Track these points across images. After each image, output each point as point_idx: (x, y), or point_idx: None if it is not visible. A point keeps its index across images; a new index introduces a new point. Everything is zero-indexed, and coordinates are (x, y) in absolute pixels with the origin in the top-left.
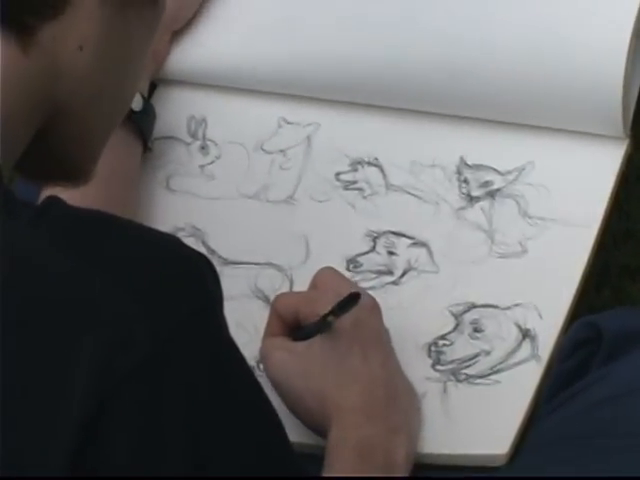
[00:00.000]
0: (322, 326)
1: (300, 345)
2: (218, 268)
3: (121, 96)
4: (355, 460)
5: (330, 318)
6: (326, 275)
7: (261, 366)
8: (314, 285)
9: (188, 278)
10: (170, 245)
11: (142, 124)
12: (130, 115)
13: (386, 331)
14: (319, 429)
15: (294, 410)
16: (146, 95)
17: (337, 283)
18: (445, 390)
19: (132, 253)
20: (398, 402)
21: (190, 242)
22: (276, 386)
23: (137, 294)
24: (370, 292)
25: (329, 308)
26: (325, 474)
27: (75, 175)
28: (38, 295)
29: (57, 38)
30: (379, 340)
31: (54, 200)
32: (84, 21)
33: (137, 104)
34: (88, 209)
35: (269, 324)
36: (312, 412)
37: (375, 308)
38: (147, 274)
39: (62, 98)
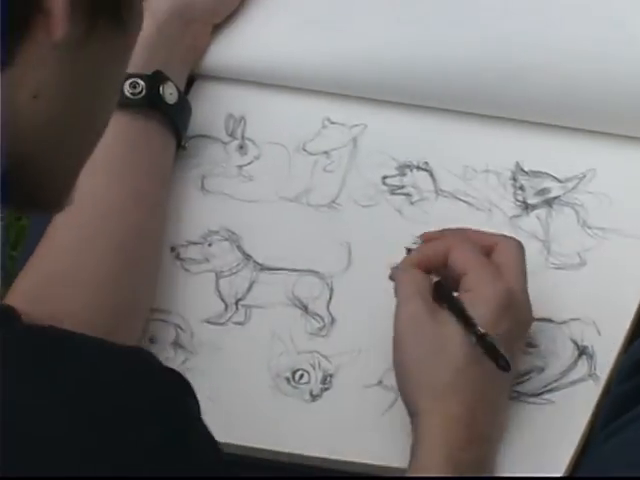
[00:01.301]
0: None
1: (441, 314)
2: (253, 274)
3: (93, 128)
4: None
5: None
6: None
7: (296, 377)
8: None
9: (161, 404)
10: (140, 367)
11: (177, 119)
12: (162, 108)
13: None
14: (410, 408)
15: (402, 370)
16: (182, 90)
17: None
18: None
19: (94, 378)
20: (498, 430)
21: (224, 247)
22: (396, 342)
23: (101, 427)
24: None
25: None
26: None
27: (49, 204)
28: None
29: (10, 89)
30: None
31: (6, 316)
32: (36, 69)
33: (172, 97)
34: (41, 327)
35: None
36: (412, 392)
37: (528, 326)
38: (112, 404)
39: (26, 146)
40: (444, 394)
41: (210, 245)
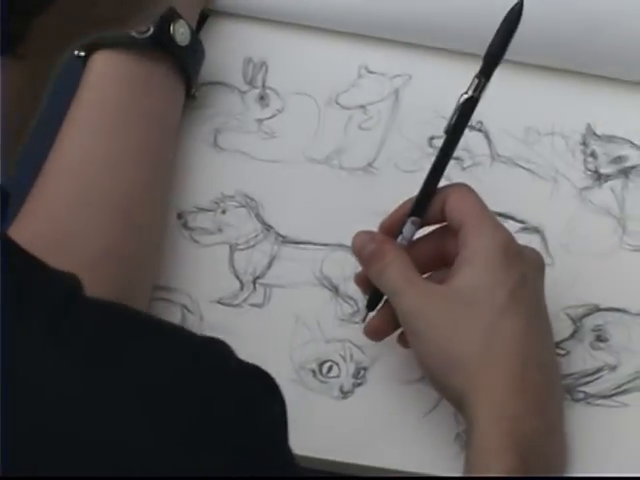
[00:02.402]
0: None
1: (447, 285)
2: (274, 248)
3: None
4: (518, 464)
5: None
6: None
7: (323, 369)
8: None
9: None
10: (216, 362)
11: (187, 63)
12: (172, 50)
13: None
14: (453, 397)
15: (432, 364)
16: (194, 27)
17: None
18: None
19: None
20: (555, 389)
21: (240, 214)
22: (411, 332)
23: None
24: None
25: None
26: (479, 471)
27: None
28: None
29: None
30: (543, 308)
31: (73, 289)
32: None
33: (183, 38)
34: (113, 304)
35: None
36: (454, 376)
37: (543, 269)
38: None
39: None
40: (481, 366)
41: (224, 212)
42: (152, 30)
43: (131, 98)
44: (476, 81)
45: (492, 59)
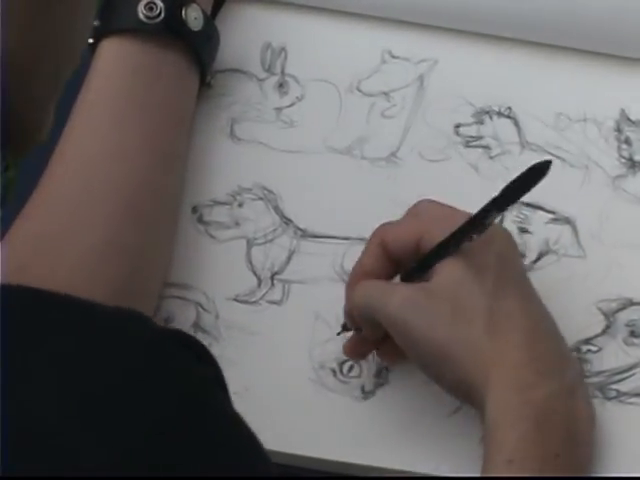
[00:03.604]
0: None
1: (429, 283)
2: (294, 242)
3: (70, 40)
4: (533, 432)
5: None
6: (429, 205)
7: (344, 368)
8: (414, 215)
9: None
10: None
11: (202, 49)
12: (185, 36)
13: None
14: (465, 390)
15: (433, 366)
16: (209, 12)
17: (446, 212)
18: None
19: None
20: (567, 355)
21: (258, 207)
22: (406, 337)
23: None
24: None
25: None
26: (493, 449)
27: (20, 137)
28: None
29: None
30: (528, 280)
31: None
32: None
33: (196, 23)
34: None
35: (366, 263)
36: (459, 367)
37: (515, 243)
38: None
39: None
40: (487, 347)
41: (241, 205)
42: (163, 15)
43: (141, 87)
44: (490, 205)
45: (507, 199)
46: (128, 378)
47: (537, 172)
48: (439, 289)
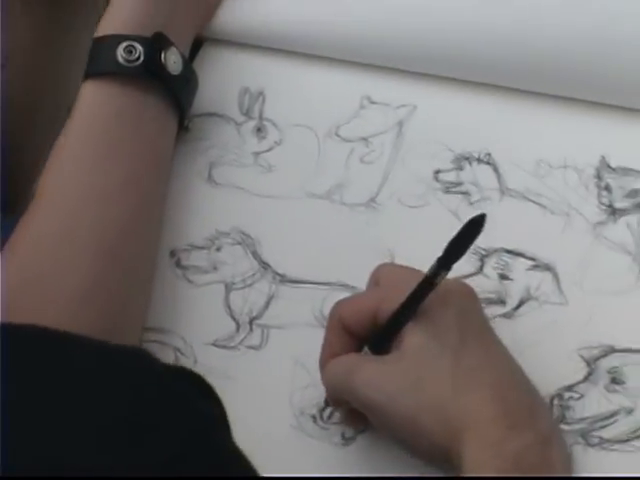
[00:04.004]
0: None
1: (391, 355)
2: (272, 287)
3: (59, 101)
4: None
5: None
6: (387, 269)
7: (324, 416)
8: (375, 284)
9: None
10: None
11: (180, 93)
12: (164, 79)
13: None
14: (441, 455)
15: (404, 437)
16: (187, 56)
17: (404, 275)
18: (571, 456)
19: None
20: (538, 405)
21: (237, 252)
22: (374, 414)
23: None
24: None
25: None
26: None
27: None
28: None
29: None
30: (492, 331)
31: None
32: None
33: (175, 67)
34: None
35: (331, 342)
36: (430, 435)
37: (475, 295)
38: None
39: None
40: (458, 407)
41: (219, 250)
42: (142, 58)
43: (120, 130)
44: (436, 265)
45: (451, 257)
46: (141, 409)
47: (475, 225)
48: (402, 359)
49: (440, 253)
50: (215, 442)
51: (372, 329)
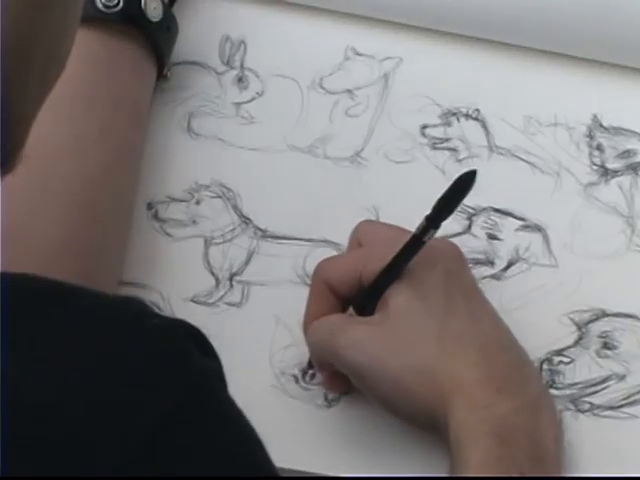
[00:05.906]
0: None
1: (377, 316)
2: (253, 242)
3: (57, 52)
4: (496, 448)
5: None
6: (369, 227)
7: (307, 377)
8: (357, 243)
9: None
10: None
11: (160, 40)
12: (143, 26)
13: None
14: (426, 418)
15: (389, 400)
16: (167, 2)
17: (388, 234)
18: (561, 422)
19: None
20: (528, 368)
21: (216, 205)
22: (358, 376)
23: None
24: None
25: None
26: (459, 469)
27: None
28: None
29: None
30: (480, 293)
31: None
32: None
33: (155, 13)
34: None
35: (315, 302)
36: (415, 397)
37: (463, 255)
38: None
39: None
40: (443, 369)
41: (198, 203)
42: (122, 4)
43: (97, 78)
44: (425, 223)
45: (440, 215)
46: (138, 365)
47: (466, 182)
48: (387, 320)
49: (426, 211)
50: (214, 397)
51: (357, 290)
